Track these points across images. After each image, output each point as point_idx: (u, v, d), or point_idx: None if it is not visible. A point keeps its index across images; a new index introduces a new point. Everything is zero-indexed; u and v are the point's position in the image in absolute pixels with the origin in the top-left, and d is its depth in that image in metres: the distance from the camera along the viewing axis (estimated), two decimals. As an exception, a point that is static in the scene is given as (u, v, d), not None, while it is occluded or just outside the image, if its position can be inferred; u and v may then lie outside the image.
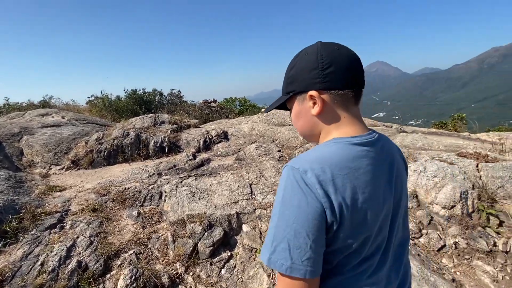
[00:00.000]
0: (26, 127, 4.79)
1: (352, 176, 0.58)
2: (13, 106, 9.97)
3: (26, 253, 2.03)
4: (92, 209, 2.65)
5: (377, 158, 0.64)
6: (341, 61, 0.64)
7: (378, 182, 0.62)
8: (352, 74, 0.64)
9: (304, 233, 0.55)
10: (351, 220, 0.57)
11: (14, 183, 2.97)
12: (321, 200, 0.55)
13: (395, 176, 0.67)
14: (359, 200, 0.58)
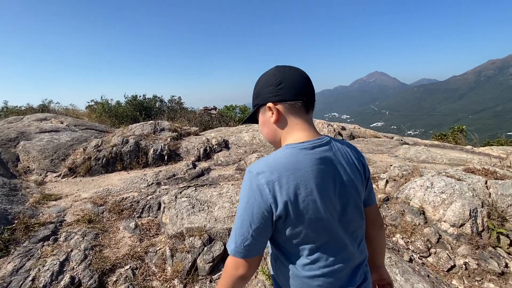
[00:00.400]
0: (24, 132, 4.71)
1: (296, 175, 0.70)
2: (12, 110, 9.87)
3: (17, 267, 1.93)
4: (88, 220, 2.56)
5: (319, 160, 0.74)
6: (290, 78, 0.79)
7: (324, 178, 0.73)
8: (299, 89, 0.79)
9: (248, 224, 0.71)
10: (296, 211, 0.70)
11: (8, 191, 2.88)
12: (268, 197, 0.69)
13: (341, 174, 0.77)
14: (302, 194, 0.70)
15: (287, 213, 0.70)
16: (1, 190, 2.85)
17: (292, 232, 0.73)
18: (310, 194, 0.71)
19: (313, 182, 0.72)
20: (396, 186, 2.90)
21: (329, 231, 0.76)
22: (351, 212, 0.80)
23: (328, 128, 5.39)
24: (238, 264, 0.75)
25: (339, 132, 5.49)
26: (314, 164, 0.73)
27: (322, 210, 0.73)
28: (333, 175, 0.76)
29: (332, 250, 0.76)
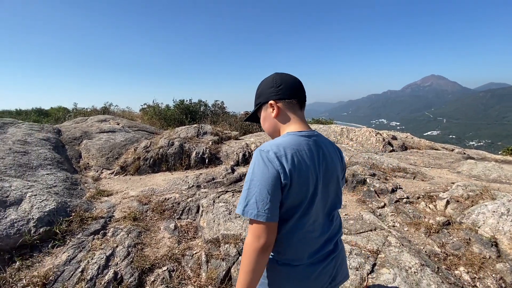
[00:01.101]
0: (87, 132, 5.29)
1: (298, 153, 0.88)
2: (80, 111, 11.24)
3: (70, 257, 2.11)
4: (133, 218, 2.71)
5: (313, 145, 0.94)
6: (288, 82, 0.99)
7: (313, 159, 0.91)
8: (295, 90, 0.99)
9: (266, 191, 0.82)
10: (298, 181, 0.85)
11: (69, 185, 3.22)
12: (278, 168, 0.83)
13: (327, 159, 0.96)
14: (303, 168, 0.87)
15: (291, 180, 0.85)
16: (64, 183, 3.20)
17: (288, 199, 0.87)
18: (306, 169, 0.88)
19: (309, 160, 0.90)
20: (459, 208, 2.50)
21: (313, 203, 0.92)
22: (332, 189, 0.99)
23: (377, 137, 4.97)
24: (260, 231, 0.83)
25: (389, 142, 5.02)
26: (311, 147, 0.93)
27: (312, 184, 0.90)
28: (322, 158, 0.95)
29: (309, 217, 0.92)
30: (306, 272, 0.94)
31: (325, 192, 0.96)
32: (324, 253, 0.98)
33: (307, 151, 0.90)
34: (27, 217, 2.32)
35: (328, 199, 0.98)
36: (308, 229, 0.93)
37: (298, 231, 0.91)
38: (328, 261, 0.98)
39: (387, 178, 3.49)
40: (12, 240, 2.13)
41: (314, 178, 0.90)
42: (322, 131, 5.60)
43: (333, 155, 1.00)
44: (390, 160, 3.97)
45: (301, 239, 0.92)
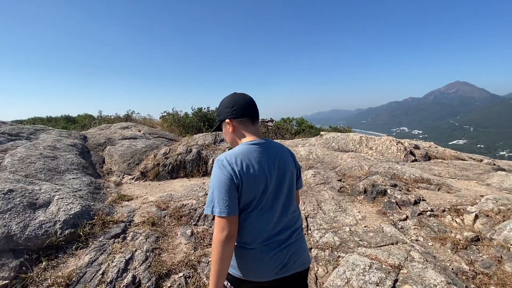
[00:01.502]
0: (110, 138, 5.53)
1: (247, 158, 1.08)
2: (104, 118, 11.78)
3: (92, 259, 2.18)
4: (152, 223, 2.77)
5: (263, 151, 1.14)
6: (240, 103, 1.19)
7: (261, 162, 1.11)
8: (246, 109, 1.19)
9: (224, 191, 1.03)
10: (247, 181, 1.06)
11: (93, 189, 3.36)
12: (230, 172, 1.04)
13: (277, 160, 1.16)
14: (250, 170, 1.07)
15: (242, 181, 1.06)
16: (88, 188, 3.34)
17: (242, 196, 1.07)
18: (254, 171, 1.08)
19: (257, 163, 1.10)
20: (489, 224, 2.34)
21: (261, 198, 1.11)
22: (285, 187, 1.18)
23: (398, 146, 4.80)
24: (224, 225, 1.02)
25: (411, 151, 4.83)
26: (259, 153, 1.13)
27: (260, 184, 1.10)
28: (272, 160, 1.15)
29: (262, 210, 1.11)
30: (257, 255, 1.11)
31: (278, 188, 1.16)
32: (276, 241, 1.14)
33: (256, 157, 1.12)
34: (54, 219, 2.44)
35: (282, 194, 1.17)
36: (261, 219, 1.12)
37: (252, 220, 1.11)
38: (280, 249, 1.14)
39: (409, 189, 3.34)
40: (39, 241, 2.24)
41: (264, 177, 1.11)
42: (340, 140, 5.50)
43: (284, 156, 1.21)
44: (412, 171, 3.81)
45: (255, 227, 1.11)
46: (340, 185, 3.51)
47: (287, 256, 1.15)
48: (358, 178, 3.73)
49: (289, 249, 1.16)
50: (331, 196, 3.17)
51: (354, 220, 2.70)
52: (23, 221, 2.31)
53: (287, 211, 1.18)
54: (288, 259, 1.15)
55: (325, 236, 2.39)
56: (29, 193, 2.62)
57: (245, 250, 1.12)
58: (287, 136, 11.73)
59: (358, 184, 3.41)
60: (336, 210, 2.87)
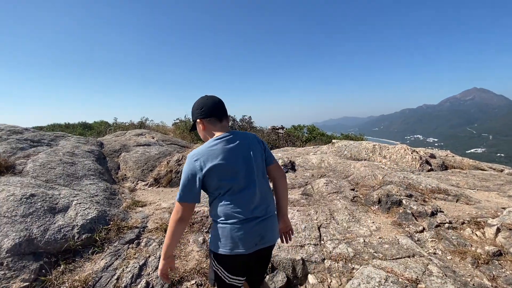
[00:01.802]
0: (125, 145, 5.68)
1: (210, 152, 1.30)
2: (119, 125, 12.11)
3: (107, 264, 2.23)
4: (165, 229, 2.80)
5: (229, 144, 1.34)
6: (208, 104, 1.40)
7: (229, 153, 1.31)
8: (213, 110, 1.40)
9: (187, 182, 1.28)
10: (213, 171, 1.28)
11: (109, 195, 3.45)
12: (195, 166, 1.28)
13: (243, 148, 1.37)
14: (215, 162, 1.28)
15: (208, 172, 1.28)
16: (104, 193, 3.43)
17: (212, 183, 1.30)
18: (219, 162, 1.29)
19: (222, 155, 1.30)
20: (513, 238, 2.24)
21: (233, 182, 1.32)
22: (255, 169, 1.37)
23: (413, 155, 4.68)
24: (179, 208, 1.30)
25: (427, 161, 4.70)
26: (223, 146, 1.33)
27: (227, 170, 1.31)
28: (238, 150, 1.35)
29: (235, 192, 1.32)
30: (233, 229, 1.31)
31: (248, 172, 1.35)
32: (254, 217, 1.34)
33: (221, 149, 1.31)
34: (72, 223, 2.52)
35: (253, 176, 1.36)
36: (237, 199, 1.32)
37: (224, 201, 1.32)
38: (256, 223, 1.35)
39: (426, 200, 3.25)
40: (58, 245, 2.32)
41: (229, 166, 1.31)
42: (352, 148, 5.43)
43: (249, 142, 1.41)
44: (428, 181, 3.70)
45: (232, 207, 1.32)
46: (353, 195, 3.45)
47: (264, 229, 1.37)
48: (372, 188, 3.65)
49: (265, 223, 1.39)
50: (344, 206, 3.12)
51: (368, 231, 2.64)
52: (44, 225, 2.40)
53: (260, 191, 1.38)
54: (265, 232, 1.38)
55: (338, 247, 2.35)
56: (49, 197, 2.72)
57: (221, 226, 1.33)
58: (298, 143, 11.67)
59: (372, 194, 3.34)
60: (349, 220, 2.82)
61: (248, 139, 1.41)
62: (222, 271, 1.38)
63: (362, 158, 5.11)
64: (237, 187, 1.32)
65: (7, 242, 2.17)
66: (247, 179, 1.34)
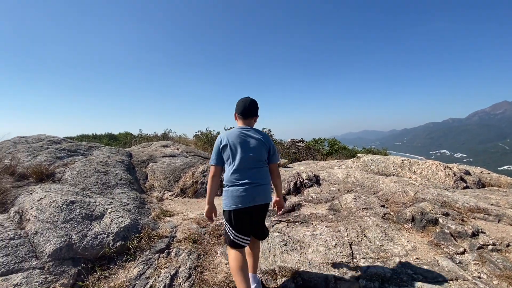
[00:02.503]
0: (152, 156, 5.89)
1: (230, 134, 1.94)
2: (144, 137, 12.60)
3: (140, 273, 2.27)
4: (193, 240, 2.83)
5: (241, 133, 1.94)
6: (239, 104, 2.03)
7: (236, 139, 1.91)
8: (241, 109, 2.01)
9: (214, 153, 1.98)
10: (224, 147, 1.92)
11: (139, 204, 3.56)
12: (219, 141, 1.96)
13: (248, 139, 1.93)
14: (227, 141, 1.91)
15: (223, 147, 1.92)
16: (135, 202, 3.55)
17: (224, 155, 1.93)
18: (235, 142, 1.90)
19: (234, 139, 1.91)
20: None
21: (238, 158, 1.88)
22: (254, 157, 1.91)
23: (446, 171, 4.45)
24: (211, 169, 1.96)
25: (462, 177, 4.44)
26: (239, 133, 1.93)
27: (238, 148, 1.89)
28: (244, 138, 1.92)
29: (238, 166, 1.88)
30: (234, 190, 1.88)
31: (248, 156, 1.90)
32: (245, 182, 1.87)
33: (238, 135, 1.93)
34: (107, 230, 2.61)
35: (251, 160, 1.91)
36: (234, 170, 1.89)
37: (230, 171, 1.90)
38: (249, 187, 1.87)
39: (464, 220, 3.05)
40: (95, 251, 2.40)
41: (240, 147, 1.90)
42: (379, 163, 5.26)
43: (257, 138, 1.95)
44: (465, 199, 3.49)
45: (232, 176, 1.89)
46: (383, 211, 3.31)
47: (255, 192, 1.88)
48: (403, 205, 3.49)
49: (257, 188, 1.89)
50: (375, 223, 3.00)
51: (404, 250, 2.51)
52: (82, 231, 2.50)
53: (257, 170, 1.93)
54: (258, 194, 1.89)
55: (373, 265, 2.24)
56: (86, 205, 2.85)
57: (227, 188, 1.92)
58: (319, 157, 11.49)
59: (404, 211, 3.19)
60: (382, 238, 2.70)
61: (257, 136, 1.96)
62: (228, 228, 1.94)
63: (390, 174, 4.93)
64: (240, 162, 1.88)
65: (49, 246, 2.28)
66: (249, 159, 1.90)
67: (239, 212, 1.86)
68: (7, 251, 2.14)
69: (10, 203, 2.94)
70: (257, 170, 1.92)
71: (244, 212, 1.86)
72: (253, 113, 2.02)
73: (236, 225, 1.88)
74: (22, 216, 2.61)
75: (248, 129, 1.96)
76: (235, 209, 1.84)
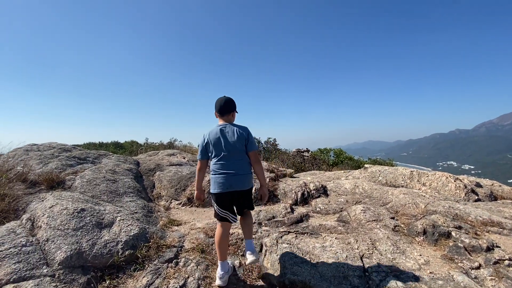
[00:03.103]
0: (159, 164, 5.92)
1: (211, 133, 2.35)
2: (150, 145, 12.69)
3: (149, 282, 2.26)
4: (201, 250, 2.81)
5: (220, 129, 2.34)
6: (216, 103, 2.42)
7: (217, 135, 2.32)
8: (218, 107, 2.40)
9: (200, 147, 2.42)
10: (207, 143, 2.36)
11: (146, 212, 3.56)
12: (203, 139, 2.39)
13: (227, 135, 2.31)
14: (211, 137, 2.34)
15: (206, 143, 2.35)
16: (143, 211, 3.55)
17: (208, 149, 2.37)
18: (214, 138, 2.31)
19: (215, 135, 2.32)
20: None
21: (217, 152, 2.31)
22: (234, 149, 2.29)
23: (456, 183, 4.38)
24: (198, 163, 2.43)
25: (473, 190, 4.36)
26: (217, 130, 2.33)
27: (219, 143, 2.30)
28: (223, 134, 2.31)
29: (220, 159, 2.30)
30: (215, 178, 2.29)
31: (228, 149, 2.28)
32: (228, 173, 2.27)
33: (217, 132, 2.32)
34: (117, 239, 2.61)
35: (231, 152, 2.29)
36: (215, 162, 2.31)
37: (214, 162, 2.32)
38: (227, 176, 2.27)
39: (478, 233, 2.98)
40: (104, 259, 2.40)
41: (218, 142, 2.29)
42: (387, 174, 5.21)
43: (234, 131, 2.31)
44: (478, 212, 3.41)
45: (215, 165, 2.31)
46: (394, 224, 3.26)
47: (232, 181, 2.27)
48: (414, 217, 3.43)
49: (235, 178, 2.28)
50: (385, 236, 2.94)
51: (417, 264, 2.45)
52: (92, 239, 2.51)
53: (235, 161, 2.31)
54: (234, 183, 2.28)
55: (386, 280, 2.19)
56: (96, 213, 2.87)
57: (212, 175, 2.33)
58: (324, 167, 11.41)
59: (415, 224, 3.13)
60: (393, 251, 2.64)
61: (234, 130, 2.32)
62: (215, 205, 2.38)
63: (399, 185, 4.86)
64: (220, 155, 2.30)
65: (59, 254, 2.29)
66: (227, 152, 2.29)
67: (221, 195, 2.30)
68: (19, 258, 2.15)
69: (22, 210, 2.97)
70: (235, 162, 2.31)
71: (224, 195, 2.29)
72: (228, 110, 2.38)
73: (219, 203, 2.34)
74: (34, 223, 2.64)
75: (225, 125, 2.35)
76: (216, 192, 2.30)
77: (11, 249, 2.22)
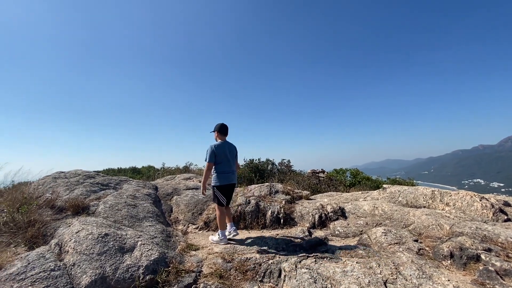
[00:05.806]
0: (176, 189, 6.06)
1: (219, 147, 3.71)
2: (166, 170, 13.00)
3: (169, 308, 2.27)
4: (219, 275, 2.80)
5: (225, 145, 3.80)
6: (221, 127, 3.88)
7: (224, 147, 3.75)
8: (224, 130, 3.89)
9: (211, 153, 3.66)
10: (217, 152, 3.67)
11: (165, 237, 3.62)
12: (213, 148, 3.67)
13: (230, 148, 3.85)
14: (219, 149, 3.70)
15: (216, 152, 3.66)
16: (162, 235, 3.62)
17: (217, 157, 3.67)
18: (222, 150, 3.70)
19: (222, 148, 3.72)
20: None
21: (225, 159, 3.72)
22: (232, 157, 3.83)
23: (482, 202, 4.18)
24: (207, 165, 3.67)
25: (501, 209, 4.13)
26: (222, 145, 3.75)
27: (224, 154, 3.72)
28: (228, 147, 3.80)
29: (225, 163, 3.73)
30: (224, 175, 3.69)
31: (229, 158, 3.74)
32: (228, 171, 3.72)
33: (221, 146, 3.70)
34: (138, 263, 2.67)
35: (231, 160, 3.79)
36: (224, 164, 3.70)
37: (221, 164, 3.69)
38: (230, 174, 3.73)
39: (509, 256, 2.80)
40: (126, 284, 2.45)
41: (224, 152, 3.70)
42: (407, 194, 5.05)
43: (232, 147, 3.88)
44: (508, 232, 3.22)
45: (222, 166, 3.69)
46: (417, 247, 3.12)
47: (232, 177, 3.75)
48: (439, 239, 3.28)
49: (234, 175, 3.79)
50: (409, 259, 2.82)
51: (445, 290, 2.32)
52: (115, 264, 2.59)
53: (232, 165, 3.79)
54: (234, 178, 3.77)
55: (412, 307, 2.09)
56: (119, 237, 2.97)
57: (219, 173, 3.66)
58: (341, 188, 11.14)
59: (441, 247, 2.99)
60: (419, 276, 2.52)
61: (231, 146, 3.86)
62: (219, 195, 3.67)
63: (420, 206, 4.69)
64: (225, 162, 3.68)
65: (85, 279, 2.37)
66: (228, 159, 3.71)
67: (226, 186, 3.70)
68: (48, 282, 2.25)
69: (50, 235, 3.13)
70: (232, 165, 3.80)
71: (228, 186, 3.72)
72: (227, 133, 3.86)
73: (223, 193, 3.69)
74: (62, 247, 2.76)
75: (226, 142, 3.81)
76: (225, 184, 3.67)
77: (41, 273, 2.33)
